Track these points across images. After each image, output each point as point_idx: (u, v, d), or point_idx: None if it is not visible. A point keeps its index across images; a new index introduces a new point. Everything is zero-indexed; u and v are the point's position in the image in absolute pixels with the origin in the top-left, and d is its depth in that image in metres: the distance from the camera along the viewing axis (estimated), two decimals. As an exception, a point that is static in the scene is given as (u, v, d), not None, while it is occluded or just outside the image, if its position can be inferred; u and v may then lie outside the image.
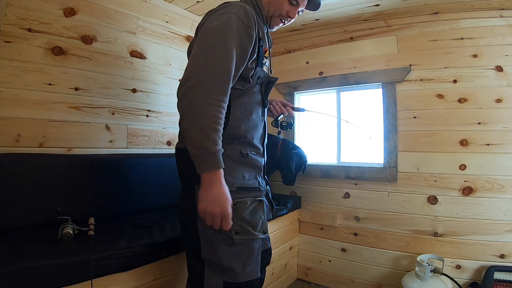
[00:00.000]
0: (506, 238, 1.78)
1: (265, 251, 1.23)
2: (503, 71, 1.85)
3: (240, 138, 1.03)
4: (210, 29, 0.92)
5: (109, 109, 1.73)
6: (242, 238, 0.95)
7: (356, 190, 2.28)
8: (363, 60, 2.29)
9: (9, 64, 1.36)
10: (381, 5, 2.01)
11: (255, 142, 1.08)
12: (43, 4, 1.46)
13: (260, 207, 1.01)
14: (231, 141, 1.00)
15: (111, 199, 1.56)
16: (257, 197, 1.02)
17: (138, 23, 1.87)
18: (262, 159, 1.11)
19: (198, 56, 0.89)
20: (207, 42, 0.90)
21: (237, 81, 0.97)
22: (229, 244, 0.94)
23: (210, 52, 0.88)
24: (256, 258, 1.01)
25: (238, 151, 1.02)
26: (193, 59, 0.89)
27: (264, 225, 1.02)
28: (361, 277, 2.23)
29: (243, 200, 0.97)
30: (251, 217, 0.98)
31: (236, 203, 0.93)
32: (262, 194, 1.06)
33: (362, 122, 2.39)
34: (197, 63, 0.88)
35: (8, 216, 1.22)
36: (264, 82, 1.10)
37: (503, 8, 1.85)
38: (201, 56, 0.88)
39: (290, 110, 1.38)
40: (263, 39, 1.03)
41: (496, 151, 1.84)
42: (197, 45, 0.92)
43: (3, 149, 1.32)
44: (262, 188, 1.07)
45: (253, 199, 1.00)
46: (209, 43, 0.89)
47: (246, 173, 1.03)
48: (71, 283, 0.97)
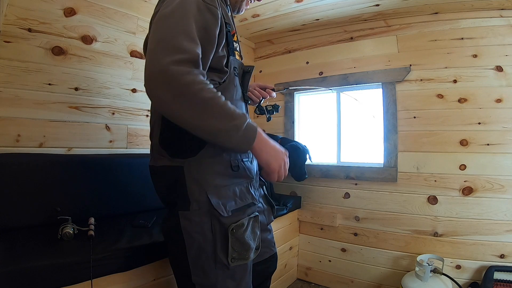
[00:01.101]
0: (506, 238, 1.78)
1: (270, 257, 1.19)
2: (503, 71, 1.85)
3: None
4: (165, 14, 0.76)
5: (109, 109, 1.73)
6: (237, 264, 0.90)
7: (356, 190, 2.28)
8: (363, 60, 2.29)
9: (9, 64, 1.36)
10: (381, 5, 2.01)
11: None
12: (43, 4, 1.46)
13: (256, 222, 0.96)
14: (218, 152, 0.90)
15: (111, 199, 1.56)
16: (252, 214, 0.95)
17: (138, 23, 1.87)
18: (253, 164, 1.04)
19: (155, 48, 0.73)
20: (162, 31, 0.74)
21: (211, 73, 0.86)
22: (224, 269, 0.89)
23: (169, 37, 0.72)
24: (249, 275, 0.98)
25: (228, 164, 0.92)
26: (150, 52, 0.73)
27: (259, 240, 0.98)
28: (361, 277, 2.23)
29: (239, 223, 0.89)
30: (249, 239, 0.92)
31: (233, 229, 0.87)
32: (256, 207, 0.99)
33: (362, 122, 2.39)
34: (154, 51, 0.72)
35: (8, 216, 1.22)
36: (240, 74, 0.99)
37: (503, 8, 1.85)
38: (159, 45, 0.72)
39: (270, 92, 1.24)
40: (228, 22, 0.91)
41: (496, 151, 1.84)
42: (152, 36, 0.77)
43: (3, 149, 1.32)
44: (256, 201, 0.99)
45: (249, 218, 0.93)
46: (165, 30, 0.74)
47: (237, 187, 0.94)
48: (71, 283, 0.96)
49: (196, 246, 0.88)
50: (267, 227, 1.19)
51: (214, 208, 0.87)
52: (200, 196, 0.88)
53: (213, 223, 0.88)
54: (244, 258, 0.91)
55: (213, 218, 0.88)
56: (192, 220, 0.88)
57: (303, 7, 2.09)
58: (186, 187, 0.88)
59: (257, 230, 0.96)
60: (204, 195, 0.88)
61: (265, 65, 2.81)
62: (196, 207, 0.88)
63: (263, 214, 1.16)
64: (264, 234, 1.16)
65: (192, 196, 0.88)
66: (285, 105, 2.66)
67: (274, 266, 1.23)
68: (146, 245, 1.19)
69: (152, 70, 0.70)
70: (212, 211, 0.87)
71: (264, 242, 1.15)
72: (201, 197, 0.88)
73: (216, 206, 0.87)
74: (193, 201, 0.88)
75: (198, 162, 0.89)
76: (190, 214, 0.88)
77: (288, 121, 2.64)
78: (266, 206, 1.19)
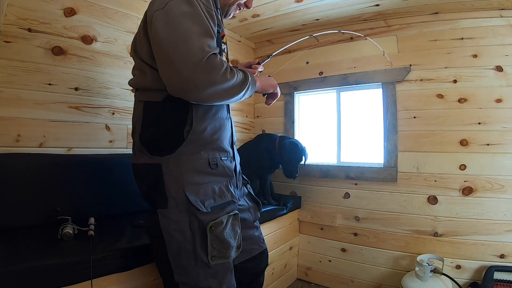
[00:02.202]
0: (506, 238, 1.78)
1: (260, 254, 1.20)
2: (503, 71, 1.85)
3: (207, 144, 0.95)
4: (177, 15, 0.82)
5: (109, 109, 1.73)
6: (218, 263, 0.92)
7: (356, 190, 2.28)
8: (363, 60, 2.29)
9: (9, 64, 1.36)
10: (381, 5, 2.01)
11: (224, 145, 1.00)
12: (43, 4, 1.46)
13: (236, 220, 0.97)
14: (197, 149, 0.93)
15: (111, 199, 1.56)
16: (231, 212, 0.96)
17: (138, 23, 1.86)
18: (233, 163, 1.05)
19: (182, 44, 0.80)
20: (179, 32, 0.81)
21: None
22: (205, 268, 0.91)
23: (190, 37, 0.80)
24: (231, 273, 0.99)
25: (206, 161, 0.94)
26: (181, 49, 0.80)
27: (240, 238, 0.98)
28: (361, 277, 2.23)
29: (218, 221, 0.91)
30: (229, 237, 0.93)
31: (211, 226, 0.89)
32: (236, 205, 1.01)
33: (361, 122, 2.39)
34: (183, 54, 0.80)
35: (8, 216, 1.22)
36: None
37: (503, 8, 1.85)
38: (185, 44, 0.80)
39: (257, 66, 1.29)
40: (219, 24, 0.96)
41: (496, 151, 1.84)
42: (175, 34, 0.81)
43: (3, 149, 1.32)
44: (236, 199, 1.00)
45: (228, 216, 0.94)
46: (182, 32, 0.81)
47: (216, 185, 0.95)
48: (71, 283, 0.96)
49: (176, 244, 0.90)
50: (253, 224, 1.20)
51: (193, 205, 0.88)
52: (177, 193, 0.89)
53: (192, 221, 0.89)
54: (225, 256, 0.93)
55: (191, 216, 0.89)
56: (170, 218, 0.89)
57: (303, 7, 2.09)
58: (164, 185, 0.90)
59: (237, 228, 0.97)
60: (181, 193, 0.89)
61: (265, 65, 2.79)
62: (174, 204, 0.89)
63: (248, 211, 1.17)
64: (251, 231, 1.17)
65: (169, 193, 0.89)
66: (285, 105, 2.66)
67: (265, 262, 1.24)
68: (146, 245, 1.18)
69: (192, 61, 0.80)
70: (190, 208, 0.88)
71: (251, 239, 1.17)
72: (178, 195, 0.89)
73: (194, 202, 0.88)
74: (170, 199, 0.89)
75: (176, 159, 0.91)
76: (168, 212, 0.89)
77: (288, 121, 2.64)
78: (252, 204, 1.20)
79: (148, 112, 0.95)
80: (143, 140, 0.94)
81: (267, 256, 1.25)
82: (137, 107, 0.99)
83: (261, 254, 1.21)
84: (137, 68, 0.99)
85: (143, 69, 0.94)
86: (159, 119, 0.93)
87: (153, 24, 0.85)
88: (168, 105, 0.91)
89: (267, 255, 1.25)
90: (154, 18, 0.85)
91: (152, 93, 0.93)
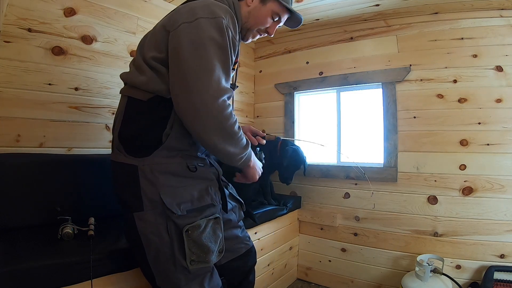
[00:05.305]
0: (506, 238, 1.78)
1: (247, 252, 1.20)
2: (503, 71, 1.85)
3: (184, 151, 0.94)
4: (205, 38, 0.83)
5: (109, 109, 1.73)
6: (198, 267, 0.90)
7: (356, 190, 2.28)
8: (363, 60, 2.29)
9: (9, 64, 1.36)
10: (381, 5, 2.01)
11: (198, 155, 1.00)
12: (43, 4, 1.46)
13: (217, 224, 0.95)
14: (173, 154, 0.92)
15: (111, 199, 1.55)
16: (211, 215, 0.94)
17: (138, 23, 1.87)
18: (212, 168, 1.05)
19: (204, 72, 0.82)
20: (203, 60, 0.83)
21: None
22: (185, 273, 0.89)
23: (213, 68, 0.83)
24: (215, 277, 0.98)
25: (184, 165, 0.93)
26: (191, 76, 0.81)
27: (222, 243, 0.97)
28: (361, 277, 2.23)
29: (195, 224, 0.89)
30: (208, 241, 0.91)
31: (187, 230, 0.87)
32: (217, 208, 0.98)
33: (361, 122, 2.39)
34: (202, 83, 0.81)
35: (8, 216, 1.22)
36: (232, 98, 1.03)
37: (503, 8, 1.85)
38: (207, 73, 0.82)
39: (261, 139, 1.19)
40: (236, 52, 0.97)
41: (496, 151, 1.84)
42: (193, 59, 0.82)
43: (3, 149, 1.32)
44: (216, 202, 0.98)
45: (207, 219, 0.92)
46: (205, 61, 0.83)
47: (195, 189, 0.93)
48: (71, 283, 0.96)
49: (154, 248, 0.88)
50: (238, 224, 1.20)
51: (167, 208, 0.86)
52: (153, 196, 0.88)
53: (169, 224, 0.88)
54: (204, 261, 0.91)
55: (168, 219, 0.88)
56: (146, 221, 0.88)
57: (303, 7, 2.09)
58: (140, 187, 0.88)
59: (219, 232, 0.95)
60: (157, 195, 0.88)
61: (265, 65, 2.81)
62: (150, 207, 0.88)
63: (233, 211, 1.16)
64: (236, 231, 1.17)
65: (145, 196, 0.88)
66: (285, 105, 2.66)
67: (253, 260, 1.23)
68: (146, 245, 1.19)
69: (208, 94, 0.81)
70: (166, 211, 0.87)
71: (237, 238, 1.16)
72: (154, 197, 0.88)
73: (169, 205, 0.87)
74: (146, 201, 0.88)
75: (152, 162, 0.89)
76: (144, 215, 0.88)
77: (288, 121, 2.63)
78: (235, 204, 1.19)
79: (131, 108, 0.94)
80: (121, 138, 0.93)
81: (255, 253, 1.25)
82: (121, 102, 0.99)
83: (248, 252, 1.21)
84: (135, 64, 0.99)
85: (141, 67, 0.94)
86: (140, 117, 0.92)
87: (178, 37, 0.84)
88: (152, 106, 0.91)
89: (255, 253, 1.25)
90: (181, 31, 0.84)
91: (139, 91, 0.92)
